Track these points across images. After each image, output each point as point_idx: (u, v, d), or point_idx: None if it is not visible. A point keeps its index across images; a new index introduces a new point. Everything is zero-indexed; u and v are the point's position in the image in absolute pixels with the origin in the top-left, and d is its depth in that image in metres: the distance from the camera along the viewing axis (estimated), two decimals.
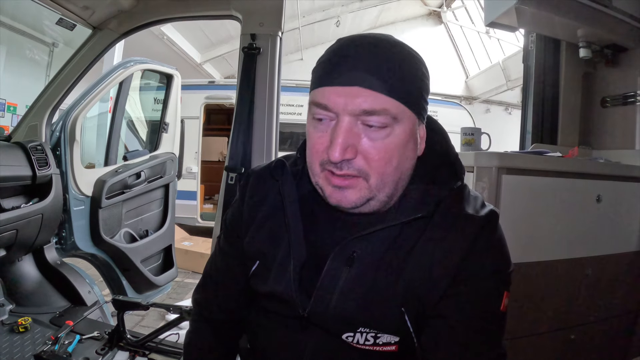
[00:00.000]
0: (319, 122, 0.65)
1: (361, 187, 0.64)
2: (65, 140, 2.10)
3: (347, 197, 0.64)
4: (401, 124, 0.63)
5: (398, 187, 0.67)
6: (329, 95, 0.62)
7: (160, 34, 6.88)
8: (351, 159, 0.62)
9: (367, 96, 0.60)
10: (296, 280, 0.71)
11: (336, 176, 0.64)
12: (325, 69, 0.64)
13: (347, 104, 0.61)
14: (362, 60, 0.61)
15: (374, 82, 0.60)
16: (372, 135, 0.62)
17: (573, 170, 1.53)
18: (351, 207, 0.65)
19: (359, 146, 0.62)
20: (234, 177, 1.60)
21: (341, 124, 0.61)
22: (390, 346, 0.69)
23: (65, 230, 2.15)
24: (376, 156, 0.62)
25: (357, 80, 0.60)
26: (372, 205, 0.66)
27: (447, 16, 10.03)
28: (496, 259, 0.68)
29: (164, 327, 1.67)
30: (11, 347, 1.62)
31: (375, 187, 0.64)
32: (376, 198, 0.65)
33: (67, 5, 1.77)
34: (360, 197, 0.64)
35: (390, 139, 0.62)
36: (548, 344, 1.54)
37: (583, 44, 1.92)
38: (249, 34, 1.62)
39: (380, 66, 0.61)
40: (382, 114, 0.61)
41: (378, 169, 0.63)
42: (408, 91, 0.63)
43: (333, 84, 0.62)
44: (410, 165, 0.68)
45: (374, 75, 0.60)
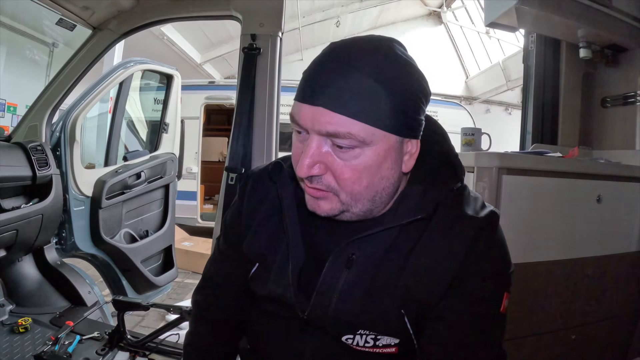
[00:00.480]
0: (298, 134, 0.65)
1: (332, 200, 0.65)
2: (65, 141, 2.10)
3: (320, 207, 0.66)
4: (372, 146, 0.60)
5: (375, 204, 0.66)
6: (299, 112, 0.62)
7: (160, 34, 6.88)
8: (321, 175, 0.63)
9: (331, 118, 0.58)
10: (295, 283, 0.71)
11: (309, 188, 0.65)
12: (303, 82, 0.63)
13: (314, 123, 0.60)
14: (330, 78, 0.59)
15: (338, 105, 0.58)
16: (340, 155, 0.61)
17: (573, 171, 1.53)
18: (325, 215, 0.66)
19: (327, 164, 0.62)
20: (234, 177, 1.60)
21: (310, 142, 0.61)
22: (390, 348, 0.69)
23: (66, 231, 2.15)
24: (343, 175, 0.62)
25: (323, 101, 0.58)
26: (348, 216, 0.66)
27: (447, 16, 10.02)
28: (496, 260, 0.67)
29: (164, 327, 1.67)
30: (11, 347, 1.62)
31: (346, 202, 0.64)
32: (350, 211, 0.65)
33: (67, 6, 1.77)
34: (333, 208, 0.65)
35: (359, 160, 0.61)
36: (548, 344, 1.54)
37: (583, 44, 1.92)
38: (249, 34, 1.62)
39: (348, 87, 0.58)
40: (346, 137, 0.59)
41: (346, 187, 0.63)
42: (382, 113, 0.59)
43: (304, 101, 0.61)
44: (388, 184, 0.65)
45: (339, 95, 0.58)
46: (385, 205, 0.69)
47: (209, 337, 0.91)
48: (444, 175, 0.71)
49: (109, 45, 1.95)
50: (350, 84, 0.58)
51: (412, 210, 0.66)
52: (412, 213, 0.66)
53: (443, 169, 0.71)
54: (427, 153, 0.71)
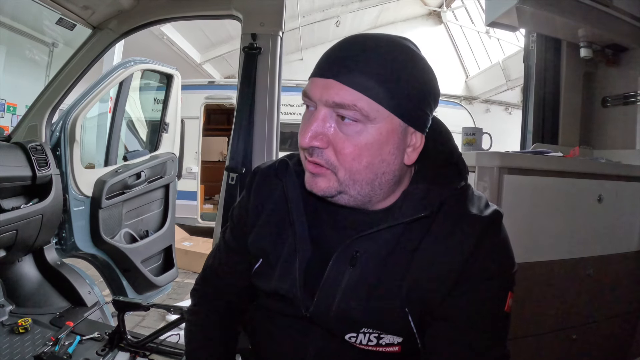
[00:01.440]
0: (307, 110, 0.67)
1: (330, 179, 0.65)
2: (65, 141, 2.10)
3: (317, 184, 0.66)
4: (375, 124, 0.62)
5: (375, 189, 0.66)
6: (311, 85, 0.65)
7: (160, 34, 6.88)
8: (322, 149, 0.64)
9: (339, 89, 0.61)
10: (301, 279, 0.71)
11: (309, 162, 0.66)
12: (319, 61, 0.66)
13: (322, 94, 0.62)
14: (345, 56, 0.63)
15: (348, 78, 0.61)
16: (343, 129, 0.63)
17: (574, 170, 1.53)
18: (322, 194, 0.67)
19: (330, 137, 0.63)
20: (235, 177, 1.60)
21: (316, 114, 0.64)
22: (394, 347, 0.69)
23: (65, 231, 2.15)
24: (344, 150, 0.63)
25: (333, 74, 0.62)
26: (345, 199, 0.67)
27: (447, 16, 10.01)
28: (500, 259, 0.67)
29: (165, 327, 1.67)
30: (11, 348, 1.62)
31: (344, 181, 0.65)
32: (347, 193, 0.66)
33: (66, 5, 1.76)
34: (330, 187, 0.65)
35: (361, 137, 0.62)
36: (549, 344, 1.54)
37: (584, 43, 1.92)
38: (249, 33, 1.62)
39: (360, 64, 0.61)
40: (351, 109, 0.61)
41: (345, 163, 0.63)
42: (389, 93, 0.61)
43: (316, 75, 0.64)
44: (388, 170, 0.66)
45: (351, 71, 0.61)
46: (384, 197, 0.69)
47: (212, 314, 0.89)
48: (448, 174, 0.71)
49: (108, 45, 1.94)
50: (361, 62, 0.61)
51: (416, 208, 0.66)
52: (416, 211, 0.66)
53: (447, 167, 0.72)
54: (431, 152, 0.71)
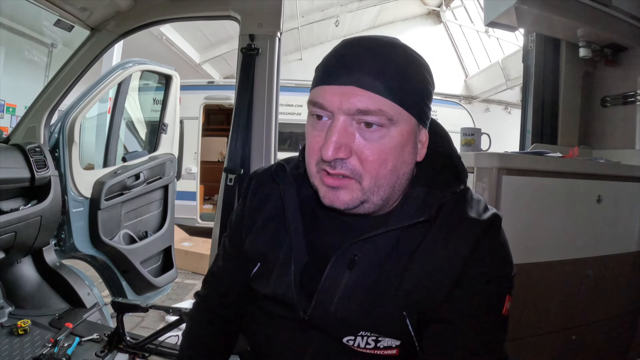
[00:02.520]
0: (317, 121, 0.65)
1: (354, 189, 0.64)
2: (63, 142, 2.10)
3: (339, 198, 0.64)
4: (397, 126, 0.62)
5: (394, 191, 0.66)
6: (325, 94, 0.62)
7: (159, 34, 6.87)
8: (345, 159, 0.62)
9: (362, 96, 0.60)
10: (297, 283, 0.71)
11: (330, 176, 0.64)
12: (324, 68, 0.64)
13: (343, 102, 0.61)
14: (359, 60, 0.61)
15: (369, 83, 0.60)
16: (367, 135, 0.62)
17: (573, 171, 1.52)
18: (344, 208, 0.65)
19: (353, 146, 0.62)
20: (233, 178, 1.59)
21: (336, 123, 0.62)
22: (391, 350, 0.69)
23: (64, 232, 2.15)
24: (370, 157, 0.62)
25: (353, 80, 0.60)
26: (366, 208, 0.66)
27: (446, 15, 10.02)
28: (499, 263, 0.67)
29: (164, 329, 1.67)
30: (10, 349, 1.62)
31: (369, 189, 0.64)
32: (370, 201, 0.65)
33: (64, 7, 1.76)
34: (353, 199, 0.64)
35: (385, 141, 0.62)
36: (549, 345, 1.54)
37: (583, 43, 1.92)
38: (247, 34, 1.61)
39: (377, 67, 0.61)
40: (377, 115, 0.60)
41: (372, 170, 0.63)
42: (406, 93, 0.62)
43: (330, 83, 0.62)
44: (407, 170, 0.66)
45: (370, 75, 0.60)
46: (397, 199, 0.69)
47: (208, 325, 0.91)
48: (447, 178, 0.71)
49: (107, 46, 1.94)
50: (379, 67, 0.61)
51: (414, 212, 0.67)
52: (415, 215, 0.66)
53: (446, 171, 0.72)
54: (430, 155, 0.71)
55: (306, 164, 0.69)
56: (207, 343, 0.90)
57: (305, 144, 0.69)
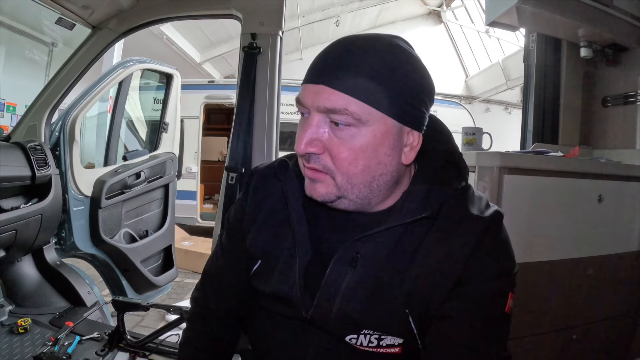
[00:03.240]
0: (302, 117, 0.67)
1: (329, 184, 0.65)
2: (64, 140, 2.09)
3: (317, 190, 0.66)
4: (368, 127, 0.62)
5: (373, 191, 0.66)
6: (303, 92, 0.65)
7: (160, 33, 6.87)
8: (318, 154, 0.64)
9: (330, 94, 0.61)
10: (301, 280, 0.70)
11: (307, 168, 0.67)
12: (308, 68, 0.66)
13: (314, 100, 0.63)
14: (333, 60, 0.63)
15: (338, 82, 0.61)
16: (337, 133, 0.63)
17: (574, 170, 1.52)
18: (321, 200, 0.67)
19: (325, 143, 0.64)
20: (235, 177, 1.59)
21: (310, 120, 0.64)
22: (394, 348, 0.68)
23: (65, 231, 2.14)
24: (339, 155, 0.63)
25: (324, 79, 0.62)
26: (345, 204, 0.67)
27: (447, 15, 10.01)
28: (501, 260, 0.67)
29: (164, 327, 1.67)
30: (10, 348, 1.62)
31: (342, 186, 0.65)
32: (346, 197, 0.66)
33: (66, 5, 1.76)
34: (328, 193, 0.66)
35: (355, 140, 0.62)
36: (549, 344, 1.54)
37: (584, 43, 1.92)
38: (249, 33, 1.61)
39: (349, 66, 0.61)
40: (342, 114, 0.61)
41: (342, 168, 0.64)
42: (380, 93, 0.61)
43: (308, 82, 0.65)
44: (385, 171, 0.65)
45: (340, 74, 0.61)
46: (383, 198, 0.69)
47: (205, 336, 0.90)
48: (449, 175, 0.71)
49: (108, 45, 1.94)
50: (350, 66, 0.61)
51: (416, 209, 0.66)
52: (417, 212, 0.66)
53: (447, 168, 0.71)
54: (431, 152, 0.71)
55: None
56: (205, 356, 0.89)
57: None
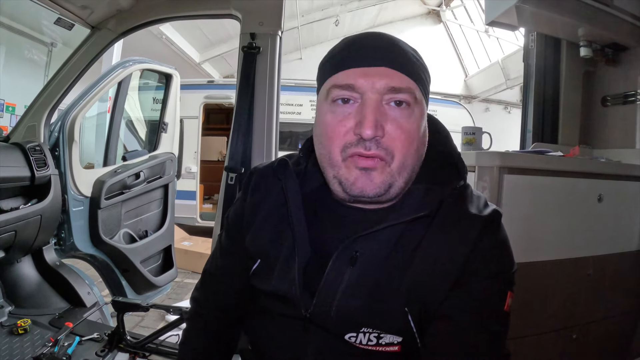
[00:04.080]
0: (340, 106, 0.66)
1: (384, 171, 0.65)
2: (64, 141, 2.09)
3: (373, 181, 0.65)
4: (419, 107, 0.67)
5: (413, 174, 0.69)
6: (354, 76, 0.65)
7: (159, 33, 6.87)
8: (380, 138, 0.64)
9: (392, 75, 0.65)
10: (300, 279, 0.70)
11: (363, 158, 0.64)
12: (346, 55, 0.67)
13: (375, 82, 0.64)
14: (382, 46, 0.67)
15: (397, 64, 0.65)
16: (396, 113, 0.65)
17: (574, 170, 1.52)
18: (374, 194, 0.65)
19: (385, 125, 0.64)
20: (234, 177, 1.59)
21: (369, 102, 0.64)
22: (393, 346, 0.68)
23: (64, 231, 2.14)
24: (401, 135, 0.64)
25: (384, 62, 0.65)
26: (390, 194, 0.67)
27: (446, 15, 10.02)
28: (500, 259, 0.67)
29: (164, 328, 1.66)
30: (10, 349, 1.61)
31: (397, 170, 0.65)
32: (396, 184, 0.66)
33: (65, 5, 1.76)
34: (384, 182, 0.65)
35: (412, 120, 0.66)
36: (549, 344, 1.53)
37: (584, 42, 1.92)
38: (248, 33, 1.61)
39: (399, 52, 0.67)
40: (407, 92, 0.65)
41: (402, 149, 0.65)
42: (422, 78, 0.69)
43: (359, 65, 0.65)
44: (424, 152, 0.70)
45: (397, 58, 0.66)
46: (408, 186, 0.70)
47: (204, 336, 0.90)
48: (447, 174, 0.71)
49: (107, 45, 1.93)
50: (401, 51, 0.67)
51: (415, 208, 0.67)
52: (416, 210, 0.66)
53: (446, 167, 0.72)
54: (430, 152, 0.72)
55: (324, 156, 0.69)
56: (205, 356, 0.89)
57: (320, 136, 0.69)
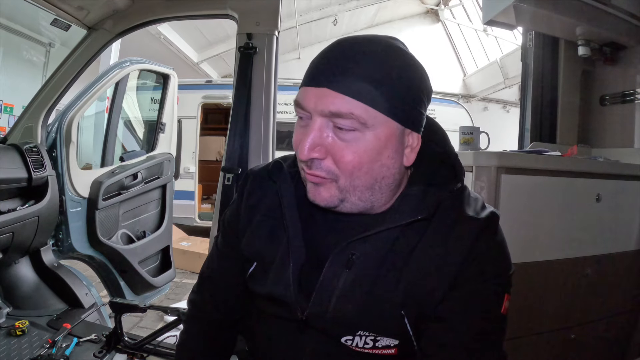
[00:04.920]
0: (300, 121, 0.66)
1: (331, 187, 0.65)
2: (61, 142, 2.08)
3: (320, 195, 0.66)
4: (373, 130, 0.61)
5: (375, 194, 0.66)
6: (304, 95, 0.63)
7: (157, 33, 6.86)
8: (321, 159, 0.63)
9: (334, 98, 0.60)
10: (295, 282, 0.70)
11: (308, 174, 0.66)
12: (308, 70, 0.65)
13: (317, 104, 0.61)
14: (337, 62, 0.61)
15: (343, 85, 0.60)
16: (341, 136, 0.62)
17: (572, 170, 1.52)
18: (324, 205, 0.66)
19: (328, 147, 0.63)
20: (231, 177, 1.59)
21: (312, 124, 0.63)
22: (390, 349, 0.68)
23: (62, 232, 2.13)
24: (344, 158, 0.62)
25: (327, 82, 0.61)
26: (347, 207, 0.66)
27: (445, 14, 10.02)
28: (497, 261, 0.67)
29: (162, 329, 1.66)
30: (8, 351, 1.61)
31: (345, 188, 0.64)
32: (348, 200, 0.65)
33: (61, 6, 1.75)
34: (332, 196, 0.65)
35: (360, 143, 0.62)
36: (548, 344, 1.54)
37: (582, 41, 1.92)
38: (245, 33, 1.61)
39: (353, 69, 0.60)
40: (348, 118, 0.60)
41: (346, 171, 0.63)
42: (385, 97, 0.61)
43: (309, 85, 0.63)
44: (388, 174, 0.65)
45: (344, 78, 0.60)
46: (386, 200, 0.69)
47: (202, 338, 0.90)
48: (444, 176, 0.70)
49: (104, 45, 1.93)
50: (353, 69, 0.60)
51: (412, 211, 0.66)
52: (413, 213, 0.66)
53: (443, 169, 0.71)
54: (427, 154, 0.71)
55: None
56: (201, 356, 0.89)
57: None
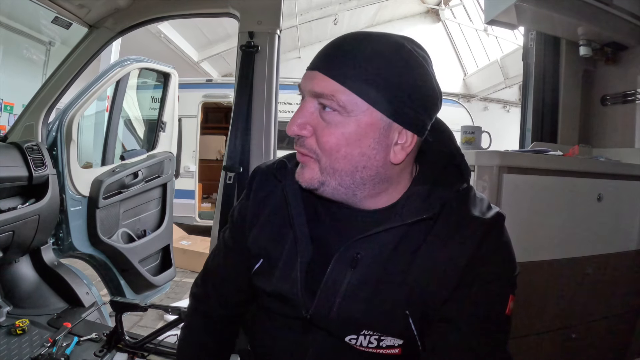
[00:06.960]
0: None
1: (313, 168, 0.67)
2: (61, 140, 2.08)
3: (303, 175, 0.68)
4: (353, 116, 0.63)
5: (357, 183, 0.66)
6: (303, 77, 0.68)
7: (158, 32, 6.85)
8: (306, 137, 0.66)
9: (320, 80, 0.63)
10: (302, 281, 0.70)
11: (297, 152, 0.69)
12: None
13: (307, 85, 0.65)
14: (332, 49, 0.65)
15: (330, 69, 0.63)
16: (325, 117, 0.64)
17: (574, 169, 1.52)
18: (306, 185, 0.68)
19: (314, 126, 0.66)
20: (233, 176, 1.59)
21: (302, 104, 0.67)
22: (394, 349, 0.68)
23: (63, 231, 2.13)
24: (323, 137, 0.64)
25: (320, 66, 0.64)
26: (329, 191, 0.67)
27: (445, 14, 10.01)
28: (502, 262, 0.67)
29: (163, 328, 1.66)
30: (8, 350, 1.61)
31: (325, 170, 0.66)
32: (329, 184, 0.66)
33: (62, 4, 1.75)
34: (312, 178, 0.67)
35: (340, 127, 0.63)
36: (549, 343, 1.54)
37: (583, 42, 1.92)
38: (246, 32, 1.60)
39: (345, 57, 0.63)
40: (329, 99, 0.63)
41: (325, 152, 0.65)
42: (371, 88, 0.61)
43: (308, 68, 0.67)
44: (369, 164, 0.65)
45: (334, 63, 0.63)
46: (371, 193, 0.68)
47: (204, 332, 0.90)
48: (450, 176, 0.70)
49: (105, 44, 1.92)
50: (346, 56, 0.63)
51: (417, 210, 0.66)
52: (418, 212, 0.65)
53: (449, 169, 0.71)
54: (433, 153, 0.71)
55: None
56: (205, 353, 0.89)
57: None
